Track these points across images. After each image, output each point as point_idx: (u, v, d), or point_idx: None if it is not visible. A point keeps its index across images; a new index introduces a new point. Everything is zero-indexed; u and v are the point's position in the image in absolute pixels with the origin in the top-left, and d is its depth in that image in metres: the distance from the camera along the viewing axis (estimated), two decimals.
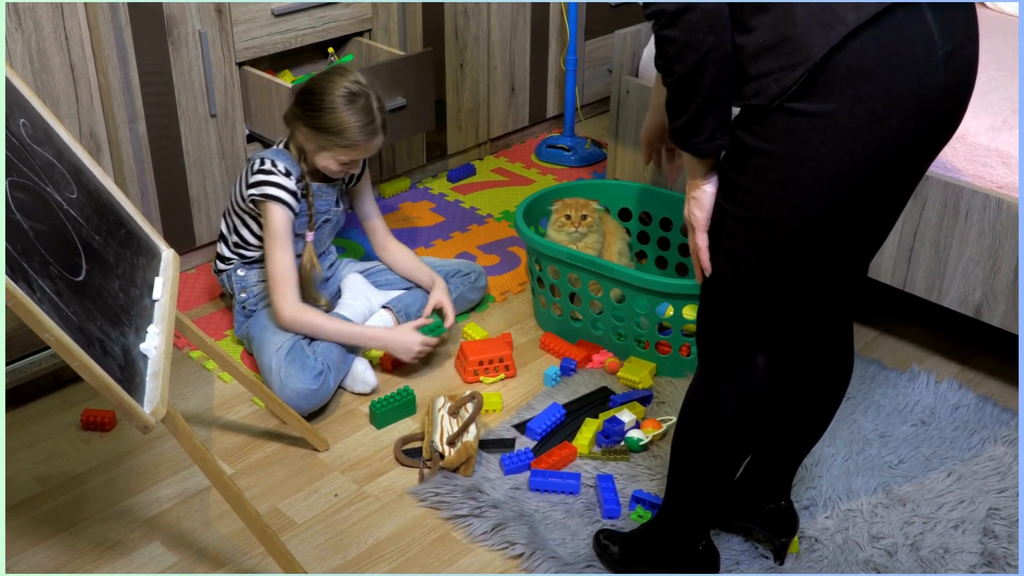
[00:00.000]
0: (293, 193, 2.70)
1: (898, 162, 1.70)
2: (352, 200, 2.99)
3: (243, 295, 2.85)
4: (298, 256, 2.80)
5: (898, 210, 1.89)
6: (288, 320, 2.68)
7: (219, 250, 2.91)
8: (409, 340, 2.73)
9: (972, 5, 1.72)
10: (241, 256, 2.86)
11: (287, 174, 2.71)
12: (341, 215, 2.93)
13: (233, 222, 2.84)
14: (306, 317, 2.69)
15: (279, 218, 2.69)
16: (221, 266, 2.90)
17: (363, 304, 2.88)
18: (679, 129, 1.74)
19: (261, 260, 2.83)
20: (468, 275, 3.06)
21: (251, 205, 2.74)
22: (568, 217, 2.92)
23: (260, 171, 2.71)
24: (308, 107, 2.66)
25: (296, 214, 2.73)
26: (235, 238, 2.85)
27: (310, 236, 2.79)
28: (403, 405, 2.65)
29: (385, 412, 2.63)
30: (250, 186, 2.71)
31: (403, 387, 2.69)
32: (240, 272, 2.86)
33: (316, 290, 2.84)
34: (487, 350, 2.81)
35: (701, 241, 1.85)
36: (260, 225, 2.77)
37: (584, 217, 2.92)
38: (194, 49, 2.96)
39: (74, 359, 1.72)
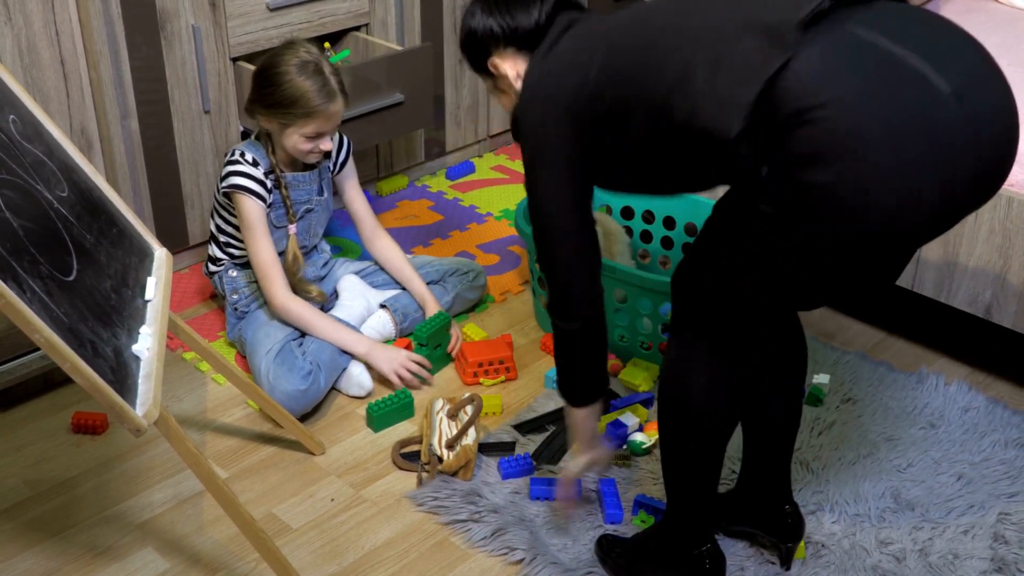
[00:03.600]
0: (261, 182, 2.68)
1: (927, 218, 1.62)
2: (338, 191, 2.96)
3: (235, 296, 2.82)
4: (281, 254, 2.77)
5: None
6: (280, 307, 2.69)
7: (209, 251, 2.88)
8: (395, 353, 2.71)
9: (967, 40, 1.67)
10: (231, 256, 2.83)
11: (254, 163, 2.69)
12: (326, 204, 2.89)
13: (218, 221, 2.82)
14: (297, 308, 2.69)
15: (249, 208, 2.68)
16: (212, 268, 2.88)
17: (361, 304, 2.84)
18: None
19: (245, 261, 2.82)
20: (467, 274, 3.02)
21: (224, 198, 2.73)
22: None
23: (228, 162, 2.71)
24: (262, 85, 2.65)
25: (268, 204, 2.71)
26: (224, 237, 2.82)
27: (292, 229, 2.77)
28: (401, 408, 2.62)
29: (382, 415, 2.59)
30: (221, 178, 2.71)
31: (401, 389, 2.66)
32: (232, 273, 2.83)
33: (305, 282, 2.81)
34: (487, 352, 2.78)
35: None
36: None
37: None
38: (187, 44, 2.93)
39: (65, 361, 1.70)
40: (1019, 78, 2.73)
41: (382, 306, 2.89)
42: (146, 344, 1.98)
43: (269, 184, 2.71)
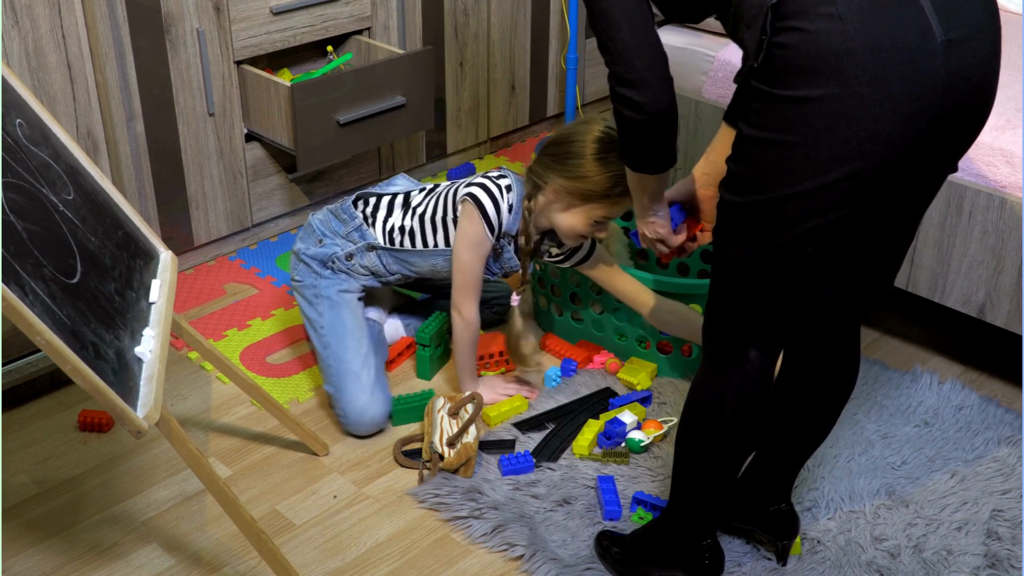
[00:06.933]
0: (495, 230, 2.55)
1: (894, 156, 1.65)
2: (602, 282, 2.72)
3: (349, 260, 2.66)
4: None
5: (905, 219, 1.87)
6: (467, 318, 2.59)
7: (388, 216, 2.68)
8: (492, 382, 2.72)
9: None
10: (392, 243, 2.65)
11: (507, 211, 2.56)
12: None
13: (422, 217, 2.64)
14: (474, 329, 2.63)
15: (477, 231, 2.53)
16: (363, 209, 2.69)
17: (380, 312, 2.88)
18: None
19: (405, 254, 2.66)
20: (493, 307, 3.00)
21: (452, 201, 2.60)
22: None
23: (489, 178, 2.59)
24: (560, 156, 2.47)
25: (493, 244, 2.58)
26: (412, 225, 2.64)
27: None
28: (415, 408, 2.63)
29: (402, 409, 2.62)
30: (470, 184, 2.58)
31: (426, 390, 2.67)
32: (378, 253, 2.66)
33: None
34: (487, 345, 2.80)
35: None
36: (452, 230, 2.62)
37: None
38: (192, 47, 2.95)
39: (66, 363, 1.71)
40: (1011, 80, 2.76)
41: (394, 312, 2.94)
42: (149, 346, 1.98)
43: (493, 242, 2.58)
